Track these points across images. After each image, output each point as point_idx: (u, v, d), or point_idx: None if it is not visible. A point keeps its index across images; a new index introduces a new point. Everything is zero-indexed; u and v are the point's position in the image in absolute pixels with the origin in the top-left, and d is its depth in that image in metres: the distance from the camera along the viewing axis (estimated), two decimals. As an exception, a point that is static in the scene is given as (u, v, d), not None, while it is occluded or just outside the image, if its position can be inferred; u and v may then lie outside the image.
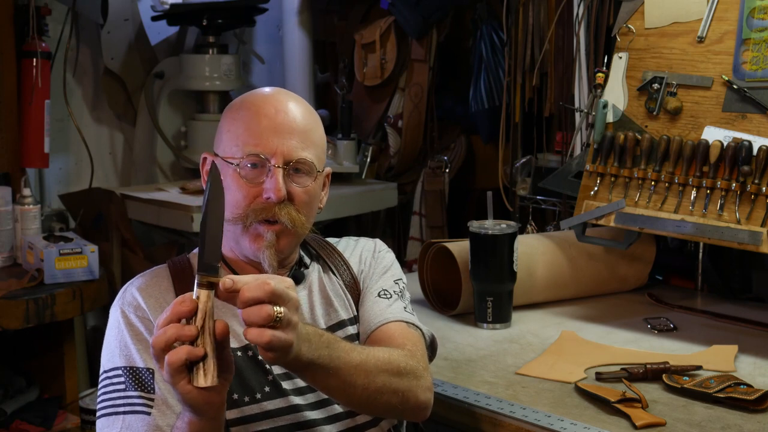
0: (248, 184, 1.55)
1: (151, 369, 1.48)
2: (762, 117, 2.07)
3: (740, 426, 1.64)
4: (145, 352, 1.49)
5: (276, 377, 1.54)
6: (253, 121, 1.56)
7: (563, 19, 2.73)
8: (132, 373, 1.49)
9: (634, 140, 2.21)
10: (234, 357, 1.50)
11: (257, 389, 1.53)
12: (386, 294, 1.68)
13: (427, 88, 3.38)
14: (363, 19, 3.61)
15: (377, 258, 1.75)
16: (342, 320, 1.65)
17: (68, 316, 2.77)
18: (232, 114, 1.60)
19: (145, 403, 1.47)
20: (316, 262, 1.70)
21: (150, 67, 3.58)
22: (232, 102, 1.64)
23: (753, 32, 2.10)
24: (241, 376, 1.52)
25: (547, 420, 1.68)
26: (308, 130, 1.58)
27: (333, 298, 1.66)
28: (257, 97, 1.61)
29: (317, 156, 1.59)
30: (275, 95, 1.61)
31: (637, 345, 2.07)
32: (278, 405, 1.53)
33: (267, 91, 1.63)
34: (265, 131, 1.55)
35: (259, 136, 1.54)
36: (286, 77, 3.69)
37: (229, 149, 1.57)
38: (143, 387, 1.47)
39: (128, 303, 1.54)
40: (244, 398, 1.52)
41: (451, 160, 3.38)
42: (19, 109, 3.05)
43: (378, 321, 1.63)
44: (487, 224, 2.19)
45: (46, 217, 3.19)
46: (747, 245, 2.01)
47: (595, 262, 2.40)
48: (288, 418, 1.53)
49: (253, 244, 1.56)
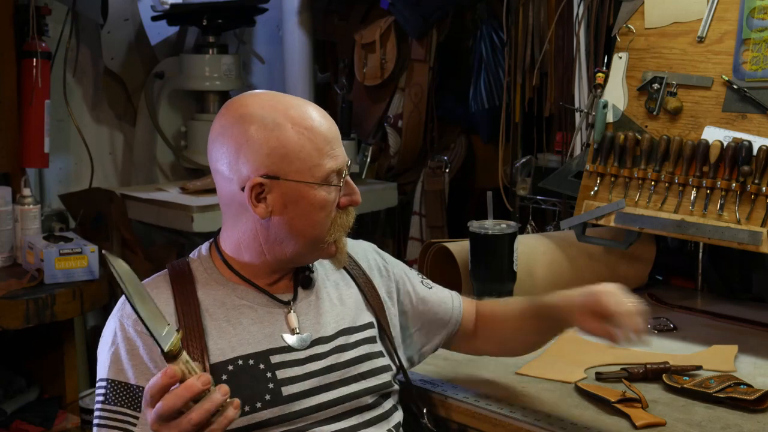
0: (333, 202, 1.56)
1: (142, 387, 1.45)
2: (762, 117, 2.07)
3: (740, 426, 1.64)
4: (137, 368, 1.48)
5: (278, 384, 1.53)
6: (319, 138, 1.54)
7: (563, 19, 2.73)
8: (118, 388, 1.48)
9: (634, 140, 2.21)
10: (235, 366, 1.52)
11: (258, 398, 1.51)
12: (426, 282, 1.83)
13: (427, 88, 3.38)
14: (363, 19, 3.61)
15: (381, 255, 1.79)
16: (350, 327, 1.64)
17: (68, 316, 2.77)
18: (283, 134, 1.52)
19: (129, 420, 1.46)
20: (320, 266, 1.70)
21: (150, 67, 3.58)
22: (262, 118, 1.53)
23: (753, 32, 2.10)
24: (242, 386, 1.50)
25: (547, 420, 1.68)
26: None
27: (343, 301, 1.66)
28: (298, 111, 1.56)
29: None
30: (310, 108, 1.59)
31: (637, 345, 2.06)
32: (278, 413, 1.52)
33: (299, 105, 1.58)
34: (331, 144, 1.57)
35: (331, 151, 1.56)
36: (286, 77, 3.68)
37: (304, 173, 1.53)
38: (131, 404, 1.47)
39: (127, 315, 1.53)
40: (244, 408, 1.49)
41: (451, 160, 3.38)
42: (19, 109, 3.05)
43: (457, 307, 1.84)
44: (487, 224, 2.19)
45: (46, 217, 3.19)
46: (747, 245, 2.01)
47: (595, 262, 2.40)
48: (288, 425, 1.52)
49: (332, 247, 1.59)
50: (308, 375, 1.56)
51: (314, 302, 1.63)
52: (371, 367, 1.62)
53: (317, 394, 1.55)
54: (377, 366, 1.63)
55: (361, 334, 1.65)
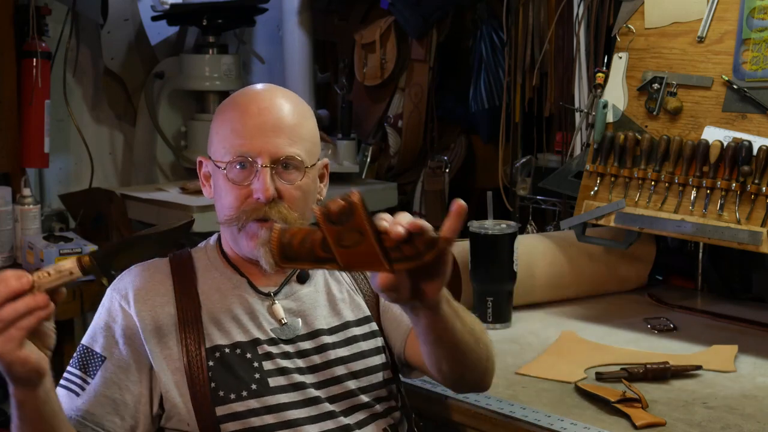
0: (238, 186, 1.56)
1: (104, 357, 1.53)
2: (762, 117, 2.07)
3: (740, 426, 1.64)
4: (106, 340, 1.55)
5: (264, 374, 1.54)
6: (239, 123, 1.57)
7: (563, 19, 2.73)
8: (85, 353, 1.56)
9: (634, 140, 2.21)
10: (222, 354, 1.55)
11: (245, 386, 1.53)
12: None
13: (427, 88, 3.38)
14: (363, 19, 3.61)
15: None
16: (347, 321, 1.65)
17: (68, 316, 2.77)
18: (221, 116, 1.61)
19: (80, 384, 1.53)
20: None
21: (150, 67, 3.58)
22: (222, 103, 1.65)
23: (753, 32, 2.10)
24: (230, 373, 1.53)
25: (547, 420, 1.68)
26: (295, 125, 1.58)
27: (339, 298, 1.66)
28: (243, 97, 1.62)
29: (307, 150, 1.59)
30: (261, 93, 1.62)
31: (637, 345, 2.07)
32: (265, 403, 1.53)
33: (253, 90, 1.64)
34: (250, 131, 1.56)
35: (245, 136, 1.56)
36: (286, 77, 3.68)
37: (219, 153, 1.59)
38: (86, 368, 1.54)
39: (118, 290, 1.60)
40: (230, 395, 1.53)
41: (451, 160, 3.38)
42: (19, 109, 3.05)
43: None
44: (487, 224, 2.19)
45: (46, 217, 3.19)
46: (747, 245, 2.01)
47: (595, 262, 2.40)
48: (274, 416, 1.53)
49: (250, 243, 1.58)
50: (298, 370, 1.57)
51: (310, 296, 1.64)
52: (366, 365, 1.62)
53: (303, 389, 1.56)
54: (371, 365, 1.63)
55: (360, 329, 1.65)
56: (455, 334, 1.46)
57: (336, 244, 1.25)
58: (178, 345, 1.54)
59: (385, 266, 1.26)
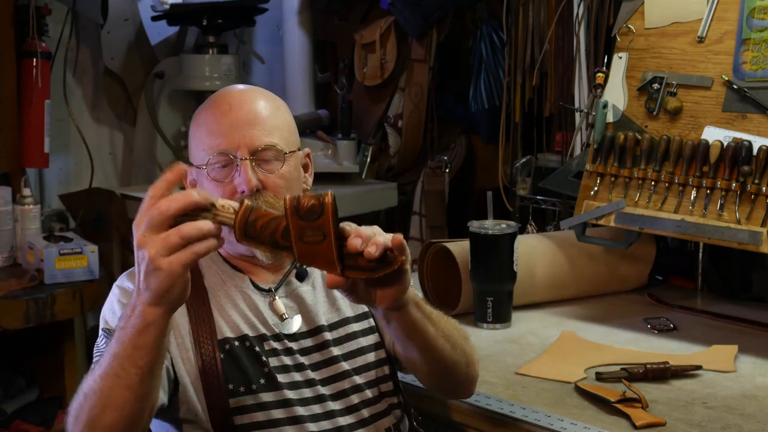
0: (222, 184, 1.57)
1: None
2: (762, 117, 2.07)
3: (740, 426, 1.64)
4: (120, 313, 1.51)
5: (272, 369, 1.55)
6: (213, 123, 1.58)
7: (563, 19, 2.73)
8: (107, 333, 1.51)
9: (634, 140, 2.21)
10: (231, 347, 1.55)
11: (253, 380, 1.54)
12: None
13: (427, 88, 3.38)
14: (363, 19, 3.61)
15: None
16: (346, 317, 1.65)
17: (68, 317, 2.77)
18: (195, 122, 1.63)
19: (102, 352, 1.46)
20: None
21: (150, 67, 3.58)
22: (195, 112, 1.66)
23: (753, 32, 2.10)
24: (238, 366, 1.54)
25: (547, 420, 1.68)
26: (268, 115, 1.59)
27: (337, 294, 1.66)
28: (214, 99, 1.63)
29: (284, 138, 1.61)
30: (230, 91, 1.63)
31: (637, 345, 2.07)
32: (273, 398, 1.54)
33: (223, 91, 1.65)
34: (225, 129, 1.57)
35: (221, 134, 1.57)
36: (286, 77, 3.68)
37: (199, 157, 1.60)
38: None
39: (122, 279, 1.60)
40: (239, 388, 1.53)
41: (451, 160, 3.38)
42: (19, 109, 3.05)
43: None
44: (487, 224, 2.19)
45: (46, 217, 3.19)
46: (747, 245, 2.01)
47: (595, 262, 2.40)
48: (282, 411, 1.54)
49: None
50: (302, 366, 1.57)
51: (310, 293, 1.65)
52: (365, 361, 1.63)
53: (310, 387, 1.56)
54: (371, 361, 1.64)
55: (359, 325, 1.66)
56: (427, 338, 1.50)
57: (297, 238, 1.28)
58: (189, 336, 1.55)
59: (338, 270, 1.31)
